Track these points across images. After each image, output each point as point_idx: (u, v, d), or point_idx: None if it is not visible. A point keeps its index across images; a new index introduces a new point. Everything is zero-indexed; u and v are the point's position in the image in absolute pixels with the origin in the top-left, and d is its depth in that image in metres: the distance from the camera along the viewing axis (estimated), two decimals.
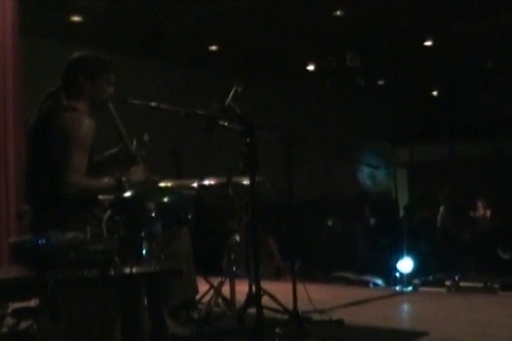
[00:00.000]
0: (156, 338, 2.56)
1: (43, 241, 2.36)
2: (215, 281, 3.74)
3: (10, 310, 2.89)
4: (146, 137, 3.02)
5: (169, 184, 3.77)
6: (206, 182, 3.77)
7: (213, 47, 9.15)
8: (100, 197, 2.93)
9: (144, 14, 7.52)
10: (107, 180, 2.81)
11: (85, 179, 2.74)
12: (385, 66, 9.98)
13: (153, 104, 3.14)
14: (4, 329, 2.89)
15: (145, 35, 8.09)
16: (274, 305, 3.51)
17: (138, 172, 2.90)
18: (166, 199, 3.05)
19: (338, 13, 7.95)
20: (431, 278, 5.65)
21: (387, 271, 5.73)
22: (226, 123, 3.22)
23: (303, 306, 3.47)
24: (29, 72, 5.29)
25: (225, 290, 3.72)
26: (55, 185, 2.70)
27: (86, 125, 2.76)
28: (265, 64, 9.47)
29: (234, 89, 3.38)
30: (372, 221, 8.03)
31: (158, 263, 2.53)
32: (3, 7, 4.74)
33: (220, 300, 3.63)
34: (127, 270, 2.36)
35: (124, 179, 2.77)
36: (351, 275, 6.04)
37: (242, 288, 3.67)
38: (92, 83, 2.92)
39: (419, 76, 11.07)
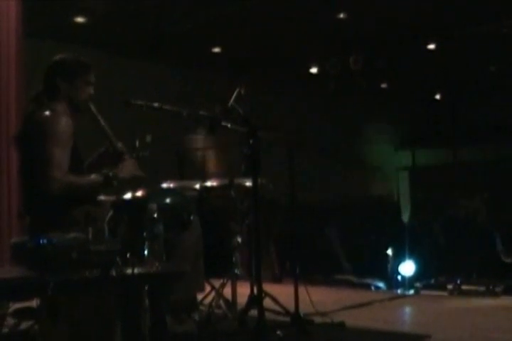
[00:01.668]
0: (157, 339, 2.55)
1: (45, 241, 2.36)
2: (217, 283, 3.73)
3: (11, 310, 2.88)
4: (148, 138, 3.02)
5: (171, 185, 3.77)
6: (208, 183, 3.76)
7: (216, 49, 9.15)
8: (101, 197, 2.93)
9: (147, 16, 7.52)
10: (93, 177, 2.84)
11: (69, 175, 2.75)
12: (388, 69, 9.98)
13: (155, 104, 3.14)
14: (5, 330, 2.88)
15: (148, 36, 8.10)
16: (276, 308, 3.50)
17: (126, 168, 2.91)
18: (168, 201, 3.05)
19: (342, 16, 7.96)
20: (433, 281, 5.63)
21: (389, 274, 5.72)
22: (229, 125, 3.22)
23: (304, 308, 3.47)
24: (32, 73, 5.29)
25: (227, 291, 3.71)
26: (39, 183, 2.72)
27: (63, 123, 2.80)
28: (268, 66, 9.46)
29: (237, 90, 3.38)
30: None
31: (160, 264, 2.52)
32: (6, 8, 4.75)
33: (221, 302, 3.62)
34: (129, 271, 2.35)
35: (111, 174, 2.78)
36: (353, 278, 6.02)
37: (244, 290, 3.66)
38: (68, 84, 2.94)
39: (422, 79, 11.06)
